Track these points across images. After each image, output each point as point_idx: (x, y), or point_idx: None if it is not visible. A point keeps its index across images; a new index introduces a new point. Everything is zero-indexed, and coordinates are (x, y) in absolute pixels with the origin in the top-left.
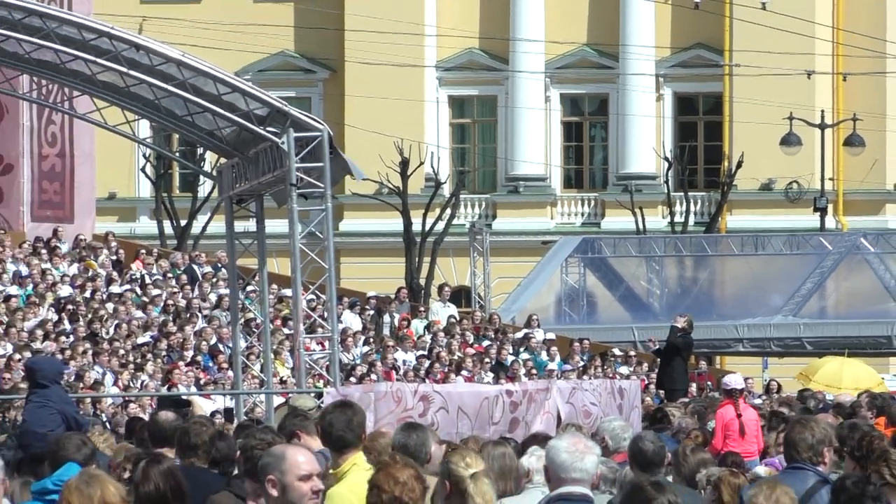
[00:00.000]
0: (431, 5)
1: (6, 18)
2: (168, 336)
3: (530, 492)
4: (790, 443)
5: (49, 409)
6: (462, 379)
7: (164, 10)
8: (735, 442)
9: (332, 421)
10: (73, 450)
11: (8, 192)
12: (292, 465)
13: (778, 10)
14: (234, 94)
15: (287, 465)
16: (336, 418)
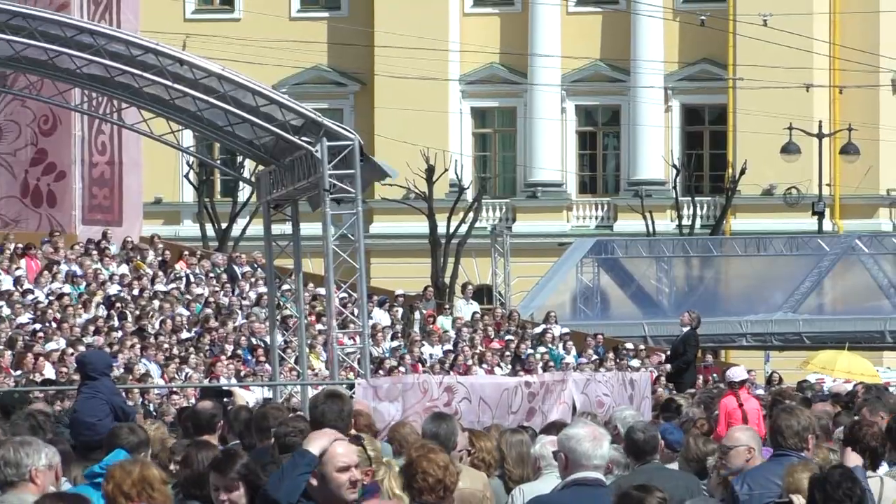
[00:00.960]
0: (455, 23)
1: (59, 36)
2: (210, 331)
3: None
4: (776, 429)
5: (98, 400)
6: (483, 371)
7: (207, 27)
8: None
9: (324, 411)
10: (123, 437)
11: (61, 197)
12: (331, 456)
13: (778, 27)
14: (272, 105)
15: (327, 457)
16: (328, 408)
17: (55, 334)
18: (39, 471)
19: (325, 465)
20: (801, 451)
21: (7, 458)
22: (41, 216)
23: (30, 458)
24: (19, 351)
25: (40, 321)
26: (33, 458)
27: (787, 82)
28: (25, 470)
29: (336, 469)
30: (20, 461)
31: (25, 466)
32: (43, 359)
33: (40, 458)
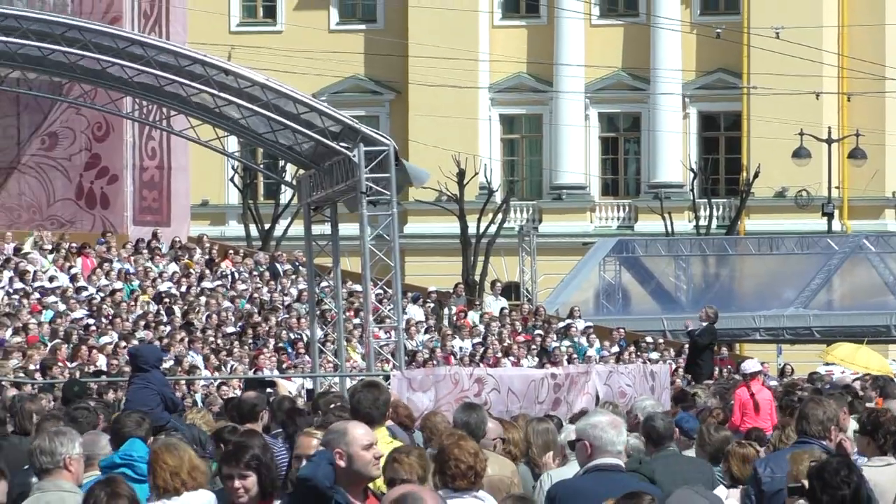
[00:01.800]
0: (485, 34)
1: (111, 47)
2: (254, 326)
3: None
4: (803, 417)
5: (150, 391)
6: (510, 363)
7: (251, 39)
8: (751, 419)
9: (360, 399)
10: (134, 426)
11: (114, 199)
12: (355, 437)
13: (790, 38)
14: (312, 113)
15: (350, 438)
16: (364, 397)
17: (108, 329)
18: (73, 459)
19: (350, 445)
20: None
21: (42, 447)
22: (95, 217)
23: (64, 446)
24: (74, 344)
25: (94, 316)
26: (67, 447)
27: (797, 90)
28: (60, 458)
29: (362, 447)
30: (55, 450)
31: (60, 455)
32: (97, 351)
33: (74, 447)
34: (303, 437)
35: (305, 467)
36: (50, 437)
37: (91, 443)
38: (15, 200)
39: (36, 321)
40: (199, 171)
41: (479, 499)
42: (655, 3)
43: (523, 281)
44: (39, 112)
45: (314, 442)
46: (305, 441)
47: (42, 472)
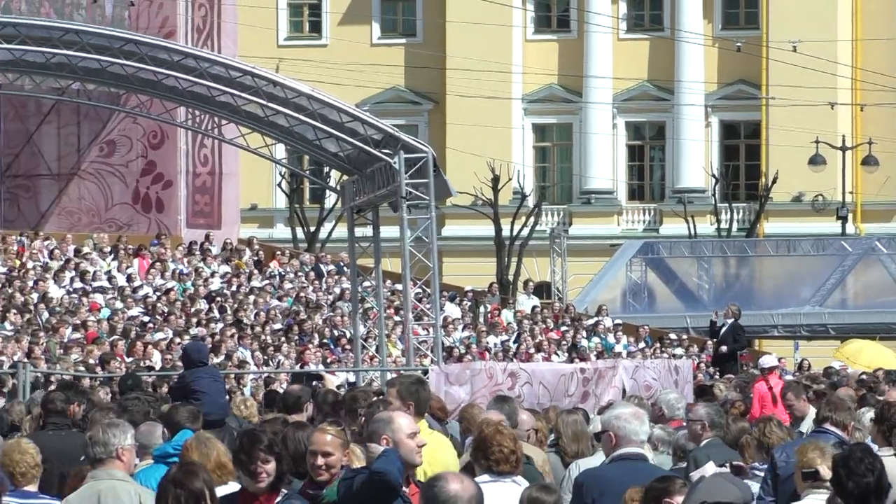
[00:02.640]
0: (518, 48)
1: (166, 60)
2: (300, 323)
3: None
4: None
5: (219, 383)
6: (542, 358)
7: (297, 52)
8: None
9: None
10: (187, 417)
11: (168, 203)
12: (400, 425)
13: (806, 51)
14: (355, 122)
15: (396, 426)
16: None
17: (163, 326)
18: (125, 449)
19: (396, 433)
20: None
21: (96, 437)
22: (150, 220)
23: (116, 437)
24: (131, 340)
25: (149, 314)
26: (119, 438)
27: (814, 101)
28: (112, 448)
29: (406, 436)
30: (108, 441)
31: (112, 445)
32: (152, 347)
33: (126, 437)
34: (317, 434)
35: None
36: (103, 428)
37: (147, 433)
38: (75, 205)
39: (95, 318)
40: (248, 177)
41: (518, 484)
42: (679, 18)
43: (554, 281)
44: (98, 121)
45: (328, 438)
46: (320, 437)
47: (96, 461)
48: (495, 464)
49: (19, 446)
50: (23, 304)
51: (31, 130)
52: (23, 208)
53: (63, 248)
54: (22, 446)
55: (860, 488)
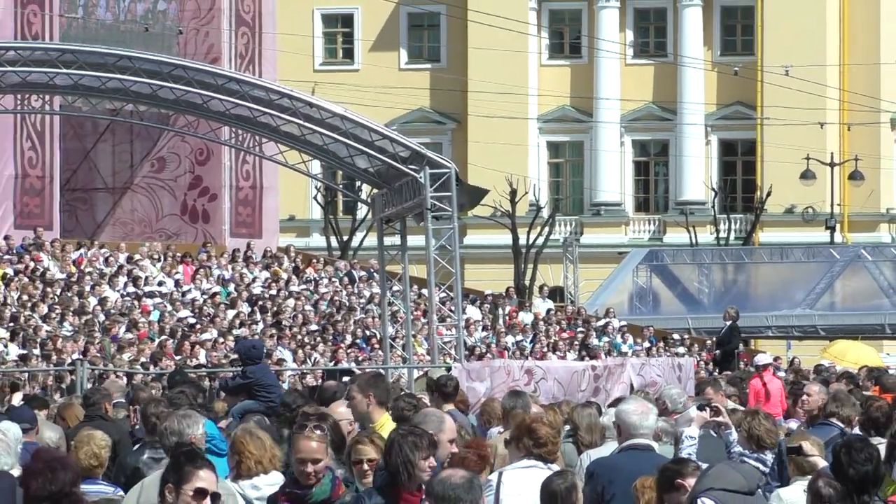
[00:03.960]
0: (534, 72)
1: (211, 84)
2: (334, 324)
3: (609, 443)
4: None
5: (273, 376)
6: (556, 357)
7: (332, 76)
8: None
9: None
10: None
11: (213, 215)
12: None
13: (797, 76)
14: (384, 140)
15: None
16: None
17: (209, 326)
18: (197, 438)
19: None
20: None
21: (172, 427)
22: (197, 230)
23: (189, 428)
24: (179, 340)
25: (196, 316)
26: (192, 428)
27: (804, 121)
28: (186, 438)
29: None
30: (182, 430)
31: (186, 435)
32: (198, 346)
33: (198, 428)
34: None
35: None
36: (178, 419)
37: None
38: (128, 216)
39: (146, 320)
40: (286, 191)
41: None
42: (681, 44)
43: (567, 285)
44: (150, 140)
45: (314, 445)
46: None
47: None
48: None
49: (92, 437)
50: (80, 307)
51: (88, 148)
52: (80, 219)
53: (116, 255)
54: (93, 436)
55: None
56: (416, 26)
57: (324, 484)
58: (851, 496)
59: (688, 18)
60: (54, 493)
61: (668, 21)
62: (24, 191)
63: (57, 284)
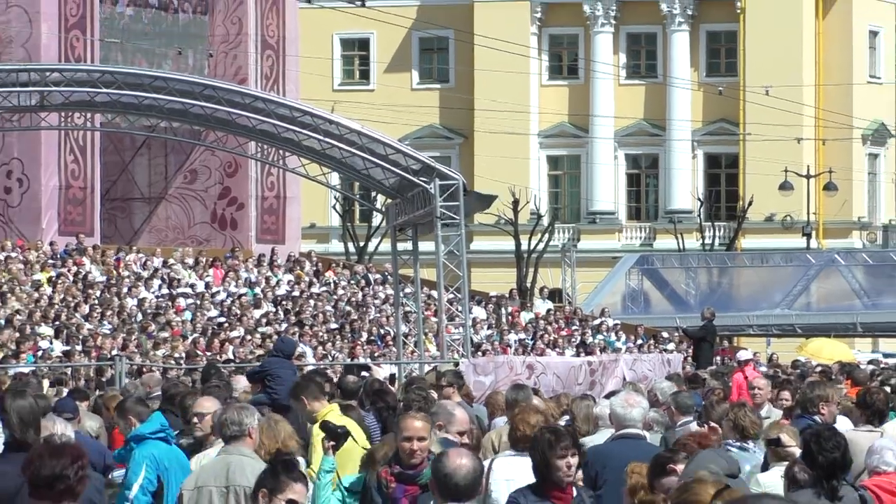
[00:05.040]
0: (535, 92)
1: (239, 102)
2: (351, 323)
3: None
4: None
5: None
6: (555, 353)
7: (349, 95)
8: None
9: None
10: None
11: (241, 222)
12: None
13: (777, 95)
14: (397, 154)
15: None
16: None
17: (237, 325)
18: (254, 429)
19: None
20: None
21: (231, 418)
22: (225, 237)
23: (248, 419)
24: (209, 337)
25: (225, 315)
26: (250, 420)
27: (783, 136)
28: (245, 428)
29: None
30: (242, 421)
31: (245, 425)
32: (227, 343)
33: (254, 419)
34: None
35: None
36: (237, 410)
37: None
38: (163, 224)
39: (179, 319)
40: (308, 200)
41: None
42: (670, 66)
43: (565, 287)
44: (182, 153)
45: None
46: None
47: (230, 438)
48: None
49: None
50: (119, 307)
51: (126, 161)
52: (119, 226)
53: (152, 260)
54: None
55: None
56: (427, 49)
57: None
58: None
59: (676, 42)
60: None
61: (657, 45)
62: (67, 200)
63: (97, 286)
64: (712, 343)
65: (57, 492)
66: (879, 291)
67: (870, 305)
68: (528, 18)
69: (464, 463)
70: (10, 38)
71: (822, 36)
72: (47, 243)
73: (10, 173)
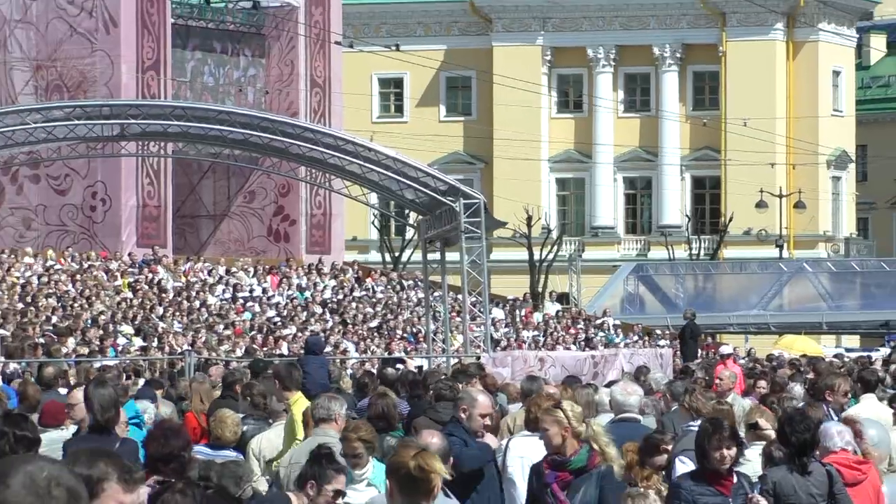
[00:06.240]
0: (545, 124)
1: (291, 132)
2: (388, 322)
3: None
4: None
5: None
6: (563, 348)
7: (386, 126)
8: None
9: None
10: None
11: (293, 236)
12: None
13: (753, 126)
14: (427, 177)
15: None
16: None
17: (289, 323)
18: (340, 416)
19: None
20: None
21: (322, 405)
22: (280, 248)
23: (335, 406)
24: (266, 335)
25: (279, 315)
26: (338, 407)
27: (759, 162)
28: (332, 413)
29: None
30: (330, 407)
31: (332, 411)
32: (281, 340)
33: (342, 407)
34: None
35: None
36: (328, 398)
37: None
38: (226, 237)
39: (240, 319)
40: (350, 217)
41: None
42: (661, 101)
43: (571, 291)
44: (242, 176)
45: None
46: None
47: (320, 420)
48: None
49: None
50: (188, 309)
51: (194, 183)
52: (188, 240)
53: (217, 268)
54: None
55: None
56: (453, 87)
57: (581, 453)
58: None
59: (666, 81)
60: (165, 454)
61: (651, 83)
62: (144, 217)
63: (170, 291)
64: (696, 339)
65: (171, 469)
66: (842, 295)
67: (834, 307)
68: (539, 61)
69: (434, 441)
70: (95, 78)
71: (792, 75)
72: (126, 254)
73: (94, 194)
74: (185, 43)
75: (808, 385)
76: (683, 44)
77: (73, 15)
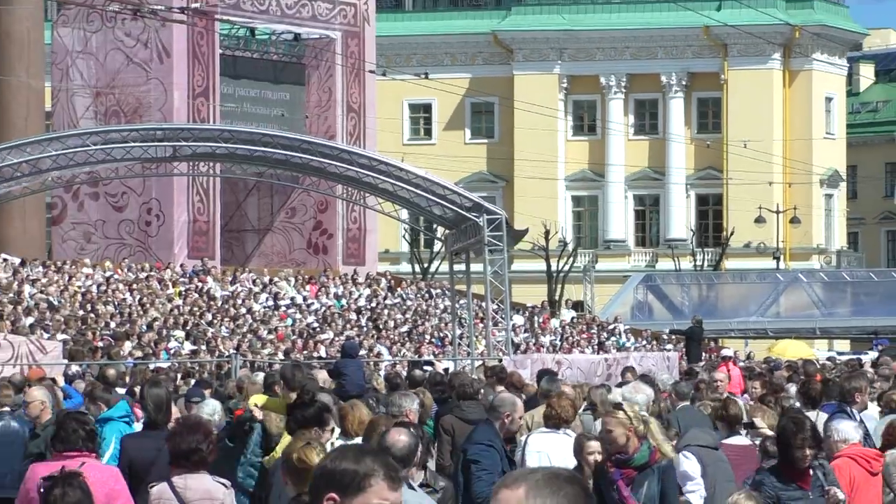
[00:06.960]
0: (562, 145)
1: (329, 154)
2: (417, 327)
3: None
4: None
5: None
6: (578, 351)
7: (415, 148)
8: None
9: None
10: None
11: (330, 248)
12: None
13: (753, 147)
14: (454, 194)
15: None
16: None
17: (327, 329)
18: (412, 411)
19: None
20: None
21: (394, 401)
22: (318, 260)
23: (406, 402)
24: (305, 339)
25: (318, 321)
26: (408, 404)
27: (758, 181)
28: (403, 409)
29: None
30: (402, 404)
31: (403, 407)
32: (319, 344)
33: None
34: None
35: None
36: (400, 395)
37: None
38: (269, 250)
39: (282, 325)
40: (383, 231)
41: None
42: (668, 125)
43: (586, 300)
44: (284, 194)
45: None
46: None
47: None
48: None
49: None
50: (235, 315)
51: (240, 200)
52: (234, 252)
53: (262, 278)
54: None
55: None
56: (477, 112)
57: (642, 450)
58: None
59: (673, 106)
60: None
61: (658, 108)
62: (194, 231)
63: (218, 299)
64: (699, 343)
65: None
66: (834, 303)
67: (826, 314)
68: (556, 88)
69: (401, 438)
70: (150, 104)
71: (788, 101)
72: (178, 265)
73: (149, 210)
74: (232, 71)
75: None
76: (688, 72)
77: (130, 46)
